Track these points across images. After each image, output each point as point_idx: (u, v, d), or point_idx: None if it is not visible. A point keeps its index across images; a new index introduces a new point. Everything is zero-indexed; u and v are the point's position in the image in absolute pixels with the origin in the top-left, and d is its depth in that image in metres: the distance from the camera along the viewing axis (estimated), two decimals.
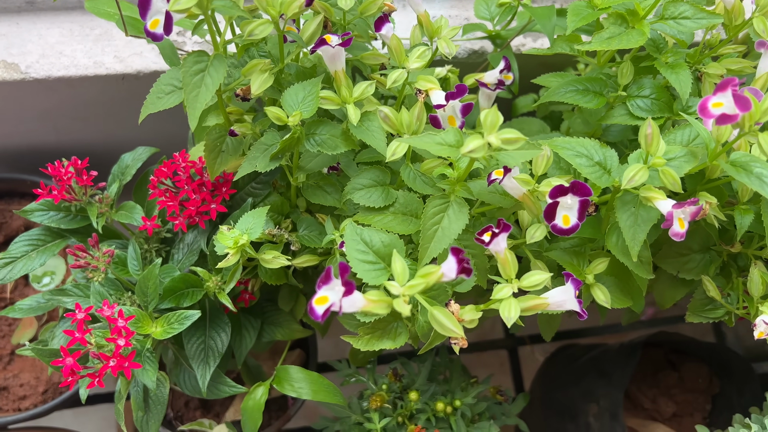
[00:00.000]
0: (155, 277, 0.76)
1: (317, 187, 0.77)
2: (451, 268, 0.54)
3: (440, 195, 0.65)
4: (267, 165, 0.68)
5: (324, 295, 0.53)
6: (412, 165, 0.69)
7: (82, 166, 0.82)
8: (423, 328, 0.75)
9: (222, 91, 0.72)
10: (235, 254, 0.68)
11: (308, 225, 0.80)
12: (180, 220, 0.80)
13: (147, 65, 1.01)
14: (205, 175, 0.81)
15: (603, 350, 1.21)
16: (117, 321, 0.68)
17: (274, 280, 0.82)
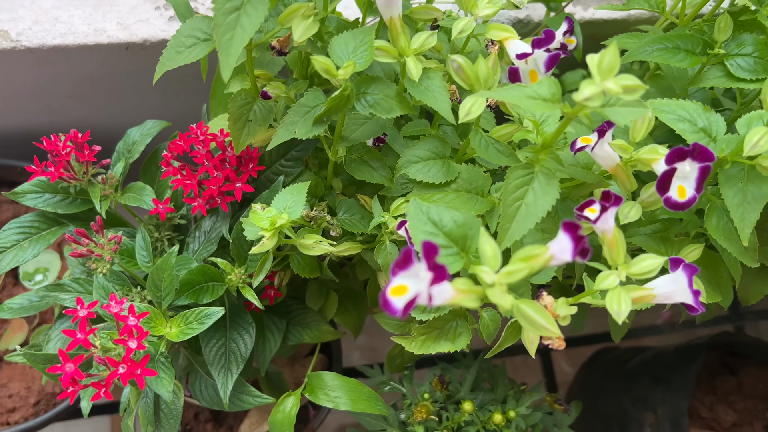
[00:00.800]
0: (171, 267, 0.65)
1: (361, 161, 0.65)
2: (565, 248, 0.43)
3: (523, 165, 0.54)
4: (309, 131, 0.57)
5: (402, 283, 0.42)
6: (482, 131, 0.58)
7: (82, 140, 0.70)
8: (489, 328, 0.64)
9: (252, 45, 0.61)
10: (271, 238, 0.57)
11: (349, 208, 0.69)
12: (199, 202, 0.69)
13: (154, 33, 0.89)
14: (228, 150, 0.69)
15: (655, 353, 1.10)
16: (127, 319, 0.56)
17: (307, 272, 0.70)
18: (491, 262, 0.45)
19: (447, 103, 0.58)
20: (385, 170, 0.66)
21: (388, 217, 0.64)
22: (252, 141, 0.67)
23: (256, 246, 0.57)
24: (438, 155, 0.62)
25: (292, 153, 0.71)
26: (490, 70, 0.53)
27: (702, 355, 0.96)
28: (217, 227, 0.75)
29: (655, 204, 0.61)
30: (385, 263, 0.64)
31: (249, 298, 0.69)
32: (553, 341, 0.51)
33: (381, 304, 0.42)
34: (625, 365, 1.15)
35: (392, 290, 0.42)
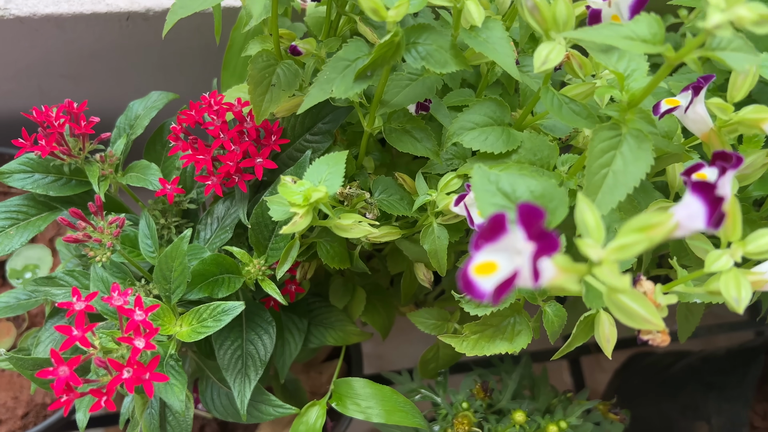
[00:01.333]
0: (183, 255, 0.55)
1: (403, 131, 0.56)
2: (696, 213, 0.34)
3: (609, 126, 0.45)
4: (349, 88, 0.48)
5: (490, 260, 0.33)
6: (553, 89, 0.49)
7: (78, 110, 0.61)
8: (553, 324, 0.55)
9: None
10: (305, 215, 0.47)
11: (386, 187, 0.60)
12: (213, 181, 0.59)
13: (159, 1, 0.81)
14: (247, 121, 0.60)
15: (703, 357, 1.01)
16: (133, 313, 0.47)
17: (337, 262, 0.61)
18: (595, 234, 0.36)
19: (510, 56, 0.49)
20: (430, 141, 0.57)
21: (435, 195, 0.54)
22: (275, 109, 0.57)
23: (287, 226, 0.47)
24: (496, 121, 0.53)
25: (319, 126, 0.62)
26: (570, 11, 0.44)
27: (761, 359, 0.88)
28: (232, 213, 0.65)
29: (751, 177, 0.52)
30: (432, 249, 0.55)
31: (270, 293, 0.60)
32: (654, 336, 0.42)
33: (461, 286, 0.33)
34: (667, 371, 1.06)
35: (477, 268, 0.33)
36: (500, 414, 0.78)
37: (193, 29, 0.84)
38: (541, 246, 0.30)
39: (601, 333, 0.52)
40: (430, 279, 0.64)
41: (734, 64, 0.40)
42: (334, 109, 0.61)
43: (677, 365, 1.04)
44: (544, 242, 0.30)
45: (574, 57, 0.53)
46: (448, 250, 0.57)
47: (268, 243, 0.62)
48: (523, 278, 0.31)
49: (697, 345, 1.28)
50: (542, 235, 0.30)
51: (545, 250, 0.30)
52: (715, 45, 0.41)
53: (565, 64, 0.54)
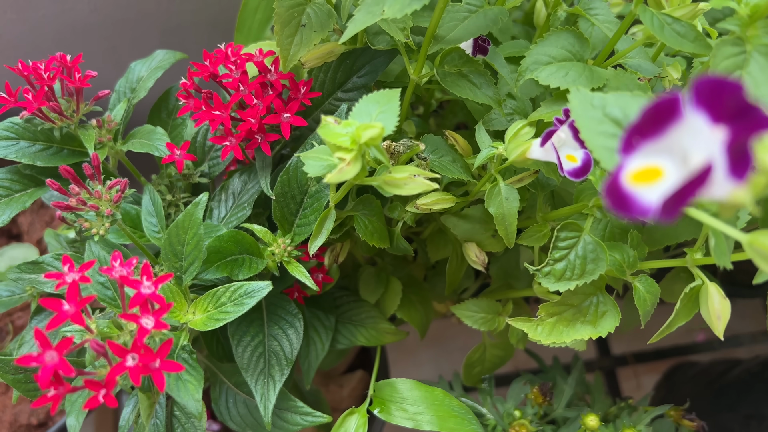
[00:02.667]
0: (197, 224, 0.46)
1: (460, 75, 0.48)
2: None
3: (732, 41, 0.36)
4: (406, 5, 0.39)
5: (650, 164, 0.24)
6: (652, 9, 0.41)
7: (73, 64, 0.51)
8: (645, 302, 0.46)
9: None
10: (353, 161, 0.38)
11: (436, 147, 0.51)
12: (231, 142, 0.50)
13: None
14: (271, 73, 0.51)
15: (762, 362, 0.91)
16: (140, 285, 0.37)
17: (377, 239, 0.52)
18: None
19: None
20: (490, 89, 0.48)
21: (502, 147, 0.45)
22: (305, 55, 0.49)
23: (332, 174, 0.38)
24: (575, 56, 0.44)
25: (353, 80, 0.53)
26: None
27: None
28: (250, 188, 0.56)
29: None
30: (499, 213, 0.46)
31: (298, 276, 0.50)
32: None
33: (613, 203, 0.24)
34: (720, 379, 0.96)
35: (634, 176, 0.24)
36: (554, 424, 0.68)
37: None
38: (741, 126, 0.21)
39: (711, 308, 0.43)
40: (484, 260, 0.55)
41: None
42: (372, 57, 0.52)
43: (732, 373, 0.94)
44: (746, 120, 0.21)
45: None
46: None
47: (295, 218, 0.52)
48: (715, 179, 0.22)
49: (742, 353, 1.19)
50: (740, 111, 0.21)
51: (749, 130, 0.21)
52: None
53: None
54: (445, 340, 1.06)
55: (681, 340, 1.19)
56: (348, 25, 0.41)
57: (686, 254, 0.45)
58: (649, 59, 0.48)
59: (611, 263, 0.45)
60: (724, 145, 0.22)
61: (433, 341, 1.05)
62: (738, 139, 0.21)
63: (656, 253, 0.63)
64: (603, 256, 0.43)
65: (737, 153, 0.21)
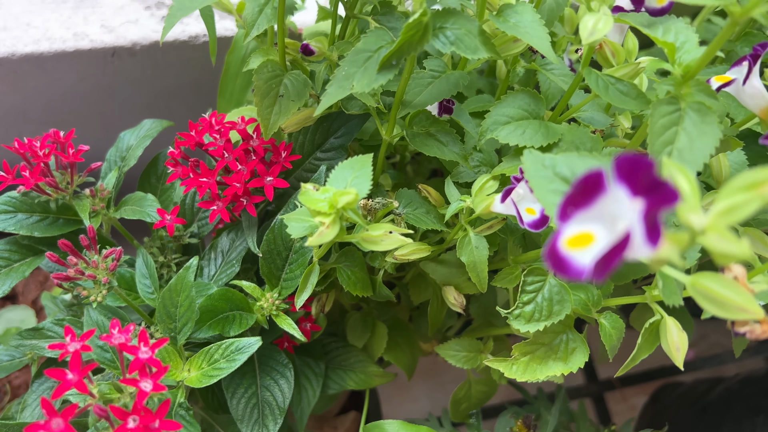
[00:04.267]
0: (189, 287, 0.49)
1: (427, 135, 0.51)
2: None
3: (666, 100, 0.40)
4: (372, 80, 0.43)
5: (583, 230, 0.27)
6: (597, 71, 0.45)
7: (65, 139, 0.55)
8: (611, 337, 0.49)
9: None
10: (332, 224, 0.41)
11: (410, 201, 0.54)
12: (218, 206, 0.53)
13: (145, 35, 0.76)
14: (253, 139, 0.55)
15: (742, 381, 0.94)
16: (138, 350, 0.40)
17: (360, 289, 0.55)
18: (692, 199, 0.30)
19: (545, 39, 0.44)
20: (457, 146, 0.52)
21: (470, 200, 0.49)
22: (284, 122, 0.52)
23: (313, 237, 0.41)
24: (531, 114, 0.48)
25: (330, 141, 0.57)
26: None
27: None
28: (238, 245, 0.59)
29: None
30: (471, 261, 0.50)
31: (286, 329, 0.53)
32: (752, 327, 0.37)
33: (553, 266, 0.27)
34: (703, 398, 0.99)
35: (569, 241, 0.27)
36: None
37: (183, 62, 0.79)
38: (654, 199, 0.25)
39: (670, 341, 0.46)
40: (462, 302, 0.58)
41: None
42: (347, 120, 0.56)
43: (714, 392, 0.97)
44: (658, 194, 0.25)
45: (607, 44, 0.49)
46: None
47: (282, 273, 0.55)
48: (635, 245, 0.25)
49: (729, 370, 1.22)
50: (654, 186, 0.25)
51: (661, 203, 0.25)
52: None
53: (597, 53, 0.50)
54: (439, 374, 1.09)
55: (667, 361, 1.22)
56: (322, 98, 0.45)
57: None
58: (602, 111, 0.52)
59: (577, 303, 0.48)
60: (641, 216, 0.25)
61: (427, 375, 1.08)
62: (652, 211, 0.25)
63: (626, 286, 0.66)
64: (568, 297, 0.47)
65: (651, 222, 0.25)
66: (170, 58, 0.79)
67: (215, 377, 0.48)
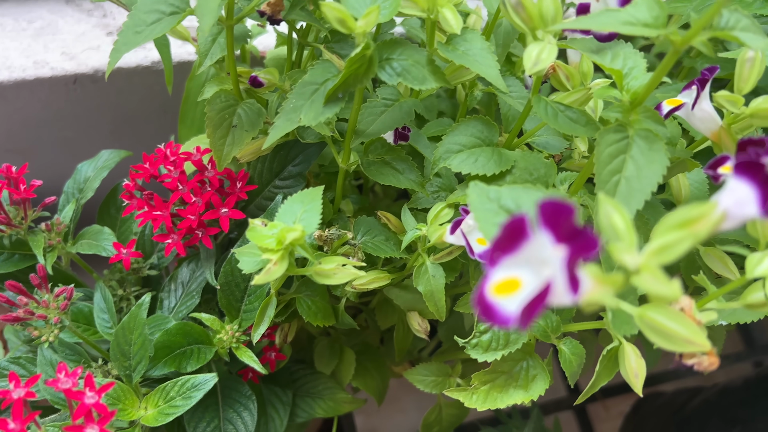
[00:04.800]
0: (142, 324, 0.48)
1: (383, 163, 0.51)
2: (746, 198, 0.29)
3: (614, 128, 0.40)
4: (319, 113, 0.42)
5: (510, 276, 0.27)
6: (546, 98, 0.44)
7: (18, 174, 0.54)
8: (571, 364, 0.48)
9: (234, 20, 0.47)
10: (280, 261, 0.41)
11: (369, 229, 0.54)
12: (174, 239, 0.53)
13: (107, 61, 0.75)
14: (208, 170, 0.54)
15: (720, 391, 0.94)
16: (83, 395, 0.39)
17: (320, 319, 0.54)
18: (627, 238, 0.30)
19: (494, 67, 0.44)
20: (413, 173, 0.51)
21: (425, 229, 0.49)
22: (238, 153, 0.52)
23: (260, 275, 0.41)
24: (484, 141, 0.48)
25: (288, 169, 0.57)
26: (558, 6, 0.40)
27: None
28: (198, 276, 0.59)
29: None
30: (428, 291, 0.49)
31: (247, 362, 0.53)
32: (699, 359, 0.36)
33: (481, 313, 0.27)
34: (682, 410, 0.99)
35: (496, 288, 0.27)
36: None
37: (146, 88, 0.79)
38: (575, 247, 0.25)
39: (628, 367, 0.45)
40: (426, 328, 0.57)
41: (749, 42, 0.36)
42: (304, 148, 0.56)
43: (692, 403, 0.97)
44: (579, 242, 0.25)
45: (561, 68, 0.49)
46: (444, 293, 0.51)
47: (241, 305, 0.55)
48: (557, 292, 0.25)
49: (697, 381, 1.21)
50: (575, 233, 0.25)
51: (582, 251, 0.24)
52: (723, 24, 0.37)
53: (551, 76, 0.50)
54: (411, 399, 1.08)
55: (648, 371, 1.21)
56: (270, 131, 0.44)
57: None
58: (558, 135, 0.52)
59: (535, 330, 0.48)
60: (563, 263, 0.25)
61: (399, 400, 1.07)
62: (573, 258, 0.25)
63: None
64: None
65: (573, 270, 0.25)
66: (134, 83, 0.78)
67: (172, 415, 0.47)
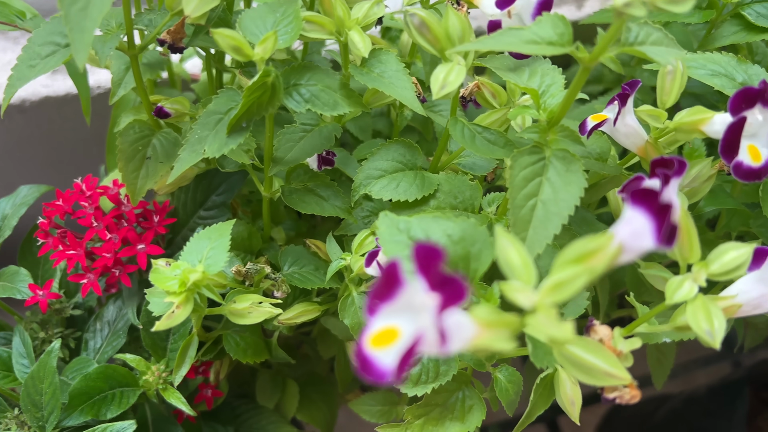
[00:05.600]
0: (52, 373, 0.45)
1: (306, 191, 0.49)
2: (641, 229, 0.27)
3: (529, 149, 0.38)
4: (223, 145, 0.40)
5: (389, 325, 0.25)
6: (464, 119, 0.43)
7: None
8: (508, 393, 0.46)
9: (137, 49, 0.45)
10: (184, 304, 0.38)
11: (296, 258, 0.52)
12: (90, 278, 0.50)
13: (35, 90, 0.73)
14: (125, 204, 0.52)
15: (684, 400, 0.93)
16: None
17: (250, 356, 0.52)
18: (523, 275, 0.28)
19: (409, 89, 0.42)
20: (339, 199, 0.49)
21: (351, 258, 0.46)
22: (154, 185, 0.49)
23: (160, 321, 0.38)
24: (407, 165, 0.46)
25: (212, 199, 0.54)
26: (465, 24, 0.38)
27: (746, 393, 0.80)
28: (124, 314, 0.56)
29: (699, 192, 0.46)
30: (354, 324, 0.47)
31: (175, 404, 0.50)
32: (622, 393, 0.34)
33: (359, 367, 0.24)
34: (650, 420, 0.97)
35: (374, 339, 0.25)
36: None
37: (79, 116, 0.76)
38: (447, 294, 0.23)
39: (563, 395, 0.44)
40: None
41: (657, 58, 0.34)
42: (227, 176, 0.53)
43: (659, 412, 0.96)
44: (448, 290, 0.22)
45: (485, 85, 0.48)
46: None
47: (167, 344, 0.52)
48: (428, 342, 0.23)
49: (677, 386, 1.20)
50: (444, 281, 0.23)
51: (450, 301, 0.22)
52: (632, 39, 0.35)
53: (477, 94, 0.48)
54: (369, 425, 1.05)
55: None
56: (175, 164, 0.42)
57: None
58: None
59: (468, 359, 0.46)
60: (435, 311, 0.23)
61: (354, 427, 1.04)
62: (445, 306, 0.23)
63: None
64: (454, 356, 0.44)
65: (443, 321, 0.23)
66: (64, 112, 0.75)
67: None
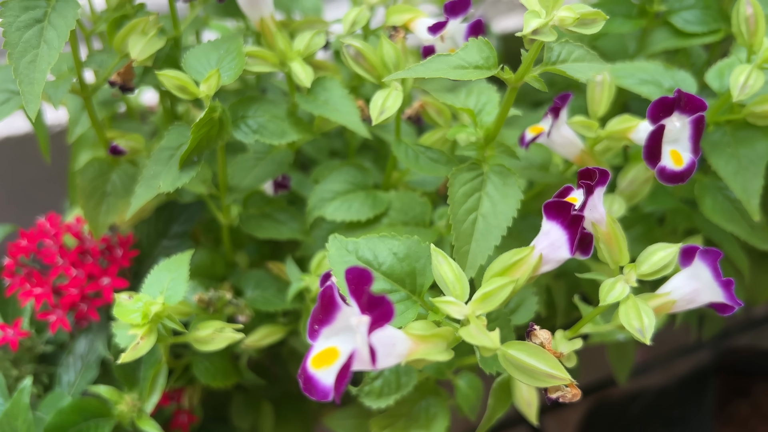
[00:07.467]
0: (25, 410, 0.46)
1: (263, 216, 0.51)
2: (558, 240, 0.29)
3: (467, 166, 0.40)
4: (176, 179, 0.42)
5: (329, 346, 0.26)
6: (407, 140, 0.45)
7: None
8: (470, 399, 0.48)
9: (89, 91, 0.46)
10: (147, 335, 0.40)
11: (259, 282, 0.53)
12: (59, 315, 0.51)
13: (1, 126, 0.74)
14: (89, 240, 0.53)
15: (657, 393, 0.95)
16: None
17: (220, 380, 0.53)
18: (456, 289, 0.30)
19: (354, 114, 0.44)
20: (296, 222, 0.51)
21: (310, 279, 0.48)
22: (116, 220, 0.51)
23: (125, 352, 0.40)
24: (358, 186, 0.48)
25: (174, 229, 0.56)
26: (399, 51, 0.40)
27: (713, 383, 0.83)
28: (95, 346, 0.57)
29: (638, 194, 0.49)
30: None
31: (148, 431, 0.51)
32: (564, 392, 0.36)
33: (303, 387, 0.26)
34: (625, 414, 0.99)
35: (315, 360, 0.26)
36: None
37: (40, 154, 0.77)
38: (375, 315, 0.24)
39: (520, 398, 0.45)
40: None
41: (577, 75, 0.36)
42: (186, 207, 0.55)
43: (635, 406, 0.98)
44: (379, 310, 0.24)
45: (430, 105, 0.50)
46: None
47: (138, 373, 0.53)
48: (360, 359, 0.25)
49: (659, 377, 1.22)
50: (374, 302, 0.24)
51: (381, 320, 0.24)
52: (554, 58, 0.37)
53: (422, 113, 0.50)
54: None
55: (599, 375, 1.22)
56: (132, 200, 0.44)
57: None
58: None
59: (429, 368, 0.48)
60: (365, 332, 0.24)
61: None
62: (375, 326, 0.24)
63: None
64: (413, 367, 0.46)
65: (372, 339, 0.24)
66: (28, 150, 0.76)
67: None
